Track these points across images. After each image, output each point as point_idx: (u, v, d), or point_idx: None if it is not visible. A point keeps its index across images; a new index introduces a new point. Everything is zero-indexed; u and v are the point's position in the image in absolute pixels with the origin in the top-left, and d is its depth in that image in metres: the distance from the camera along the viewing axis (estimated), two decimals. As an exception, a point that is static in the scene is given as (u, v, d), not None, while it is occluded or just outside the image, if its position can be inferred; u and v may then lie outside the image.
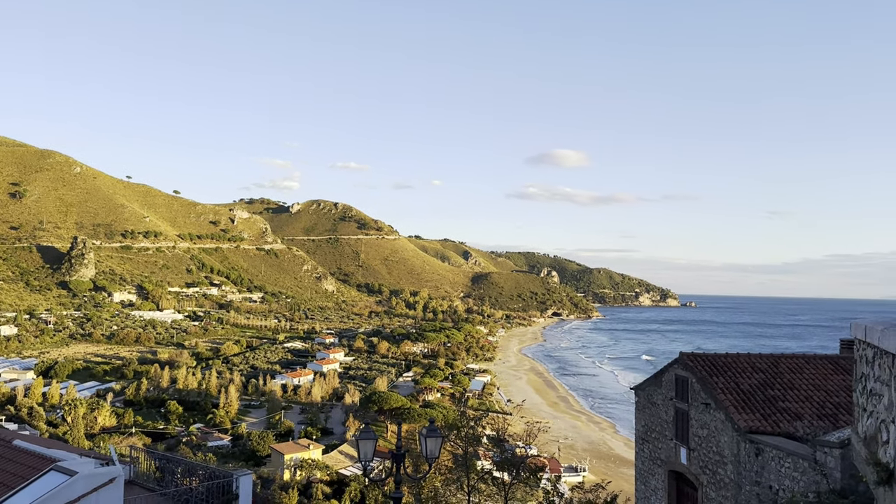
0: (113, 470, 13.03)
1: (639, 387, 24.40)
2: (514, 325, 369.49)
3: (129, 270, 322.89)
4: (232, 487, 14.91)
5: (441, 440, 11.49)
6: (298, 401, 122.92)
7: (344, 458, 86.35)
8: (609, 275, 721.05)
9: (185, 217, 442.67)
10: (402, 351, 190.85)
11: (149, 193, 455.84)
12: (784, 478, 15.67)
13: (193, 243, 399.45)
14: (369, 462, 11.27)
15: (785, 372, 20.46)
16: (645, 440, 23.65)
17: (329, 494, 68.87)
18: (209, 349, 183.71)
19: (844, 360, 21.50)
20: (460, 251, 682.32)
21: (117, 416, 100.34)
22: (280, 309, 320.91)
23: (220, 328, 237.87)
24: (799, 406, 18.60)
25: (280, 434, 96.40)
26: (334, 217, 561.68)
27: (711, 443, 19.09)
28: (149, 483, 16.45)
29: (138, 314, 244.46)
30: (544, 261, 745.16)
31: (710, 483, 19.13)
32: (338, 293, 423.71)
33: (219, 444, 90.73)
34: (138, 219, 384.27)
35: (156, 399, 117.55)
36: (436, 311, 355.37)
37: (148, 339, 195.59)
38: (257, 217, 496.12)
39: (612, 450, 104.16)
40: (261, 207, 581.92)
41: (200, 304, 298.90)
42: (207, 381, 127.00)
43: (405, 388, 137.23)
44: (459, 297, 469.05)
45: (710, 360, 20.85)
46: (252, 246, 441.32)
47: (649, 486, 23.09)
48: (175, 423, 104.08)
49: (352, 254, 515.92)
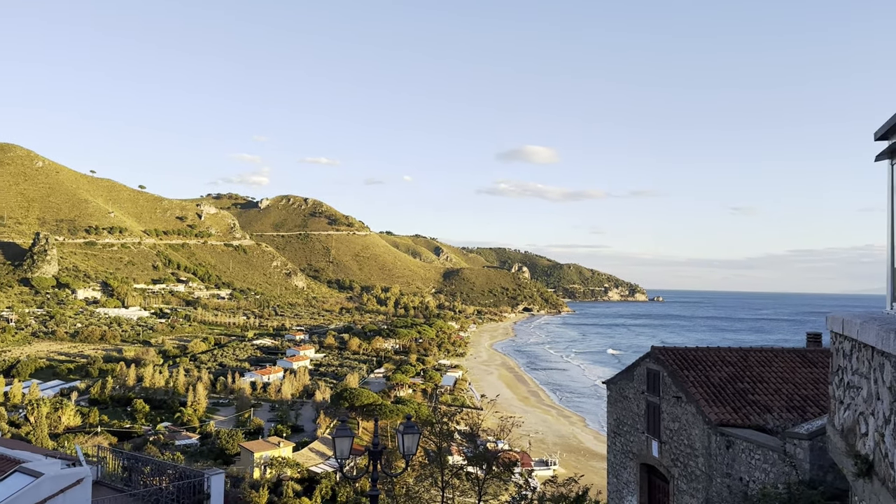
0: (80, 471, 12.71)
1: (611, 381, 24.62)
2: (485, 320, 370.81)
3: (94, 267, 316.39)
4: (203, 487, 14.66)
5: (418, 437, 11.39)
6: (268, 398, 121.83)
7: (315, 456, 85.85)
8: (579, 270, 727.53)
9: (150, 212, 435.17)
10: (374, 347, 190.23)
11: (113, 188, 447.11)
12: (754, 469, 15.93)
13: (160, 239, 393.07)
14: (345, 459, 11.12)
15: (754, 365, 20.81)
16: (617, 434, 23.89)
17: (300, 492, 68.43)
18: (176, 347, 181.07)
19: (812, 353, 21.96)
20: (432, 247, 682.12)
21: (82, 415, 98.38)
22: (249, 306, 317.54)
23: (188, 325, 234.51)
24: (768, 399, 18.93)
25: (249, 432, 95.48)
26: (304, 213, 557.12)
27: (683, 436, 19.34)
28: (117, 483, 16.11)
29: (103, 311, 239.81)
30: (515, 256, 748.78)
31: (682, 475, 19.39)
32: (308, 289, 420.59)
33: (187, 443, 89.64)
34: (103, 214, 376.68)
35: (122, 398, 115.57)
36: (407, 307, 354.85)
37: (113, 337, 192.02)
38: (225, 212, 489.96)
39: (582, 443, 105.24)
40: (229, 203, 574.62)
41: (167, 301, 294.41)
42: (175, 379, 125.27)
43: (376, 384, 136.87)
44: (431, 292, 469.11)
45: (680, 354, 21.11)
46: (220, 242, 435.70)
47: (621, 479, 23.33)
48: (142, 421, 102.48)
49: (322, 250, 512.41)
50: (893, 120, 5.48)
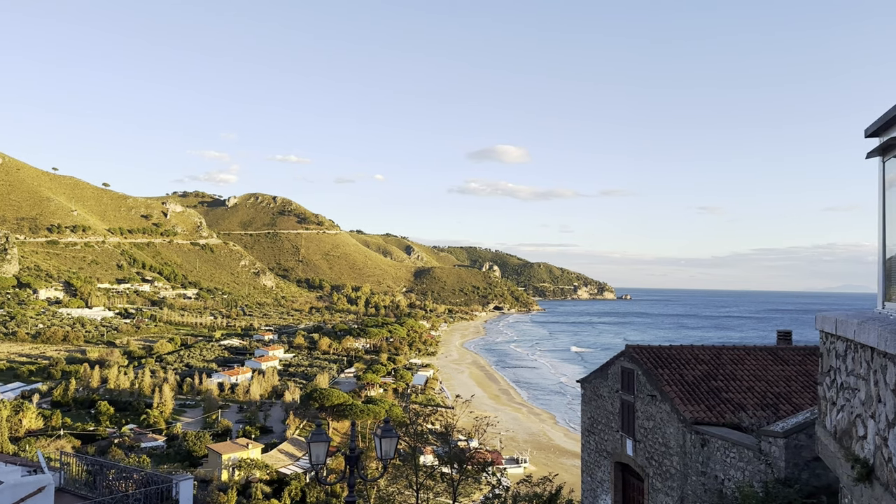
0: (42, 478, 12.19)
1: (585, 379, 24.62)
2: (456, 319, 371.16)
3: (56, 266, 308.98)
4: (171, 493, 14.21)
5: (396, 440, 11.10)
6: (236, 399, 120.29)
7: (284, 457, 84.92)
8: (549, 269, 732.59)
9: (115, 211, 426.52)
10: (344, 347, 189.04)
11: (76, 186, 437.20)
12: (729, 468, 16.00)
13: (124, 238, 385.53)
14: (321, 465, 10.77)
15: (727, 363, 20.96)
16: (591, 432, 23.88)
17: (269, 494, 67.65)
18: (142, 347, 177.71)
19: (783, 350, 22.20)
20: (403, 246, 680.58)
21: (44, 417, 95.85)
22: (216, 305, 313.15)
23: (153, 326, 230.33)
24: (741, 396, 19.06)
25: (217, 434, 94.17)
26: (273, 211, 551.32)
27: (657, 434, 19.38)
28: (81, 490, 15.54)
29: (66, 312, 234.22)
30: (486, 255, 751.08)
31: (657, 474, 19.42)
32: (277, 289, 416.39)
33: (153, 445, 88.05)
34: (65, 212, 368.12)
35: (85, 400, 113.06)
36: (378, 307, 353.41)
37: (76, 338, 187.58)
38: (192, 211, 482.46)
39: (552, 441, 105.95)
40: (195, 201, 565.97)
41: (132, 301, 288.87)
42: (140, 380, 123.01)
43: (347, 384, 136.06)
44: (402, 291, 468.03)
45: (655, 353, 21.16)
46: (186, 241, 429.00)
47: (595, 477, 23.33)
48: (106, 424, 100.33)
49: (291, 249, 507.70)
50: (885, 117, 5.41)
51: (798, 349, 22.43)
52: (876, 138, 5.59)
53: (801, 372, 20.46)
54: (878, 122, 5.42)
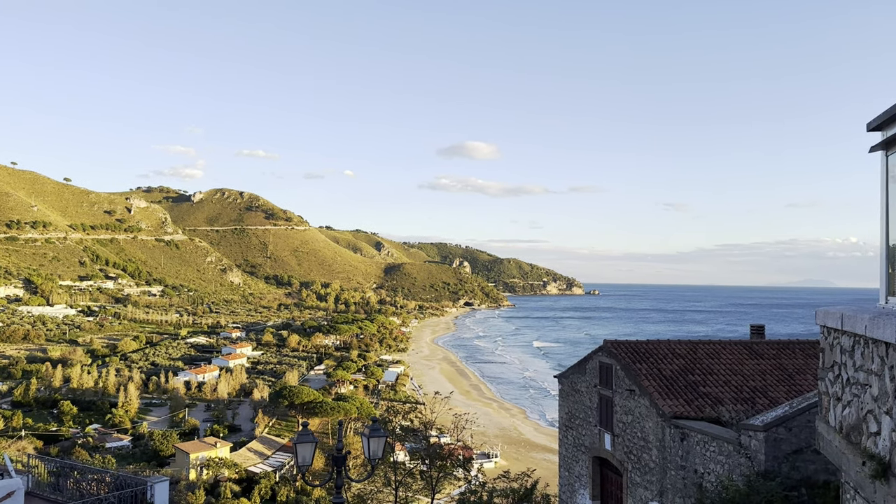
0: (11, 483, 11.73)
1: (562, 374, 24.67)
2: (426, 315, 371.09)
3: (15, 263, 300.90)
4: (146, 496, 13.82)
5: (385, 440, 10.86)
6: (203, 398, 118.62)
7: (253, 456, 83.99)
8: (519, 265, 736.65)
9: (77, 206, 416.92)
10: (314, 344, 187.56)
11: (36, 181, 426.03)
12: (709, 461, 16.15)
13: (86, 234, 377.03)
14: (307, 467, 10.48)
15: (703, 357, 21.17)
16: (569, 427, 23.96)
17: (238, 493, 66.95)
18: (105, 346, 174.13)
19: (757, 344, 22.53)
20: (373, 242, 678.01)
21: (4, 418, 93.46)
22: (182, 303, 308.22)
23: (117, 323, 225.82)
24: (719, 390, 19.26)
25: (184, 433, 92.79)
26: (240, 207, 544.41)
27: (636, 429, 19.50)
28: (51, 494, 15.04)
29: (26, 310, 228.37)
30: (456, 251, 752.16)
31: (635, 468, 19.54)
32: (244, 286, 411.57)
33: (118, 445, 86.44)
34: (25, 208, 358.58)
35: (47, 399, 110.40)
36: (348, 303, 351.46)
37: (37, 337, 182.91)
38: (156, 206, 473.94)
39: (523, 435, 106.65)
40: (160, 196, 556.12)
41: (95, 299, 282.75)
42: (104, 379, 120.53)
43: (317, 381, 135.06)
44: (372, 288, 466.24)
45: (632, 347, 21.29)
46: (151, 237, 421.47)
47: (573, 472, 23.41)
48: (69, 424, 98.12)
49: (259, 245, 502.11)
50: (889, 112, 5.40)
51: (772, 343, 22.79)
52: (879, 132, 5.59)
53: (775, 366, 20.77)
54: (882, 117, 5.41)
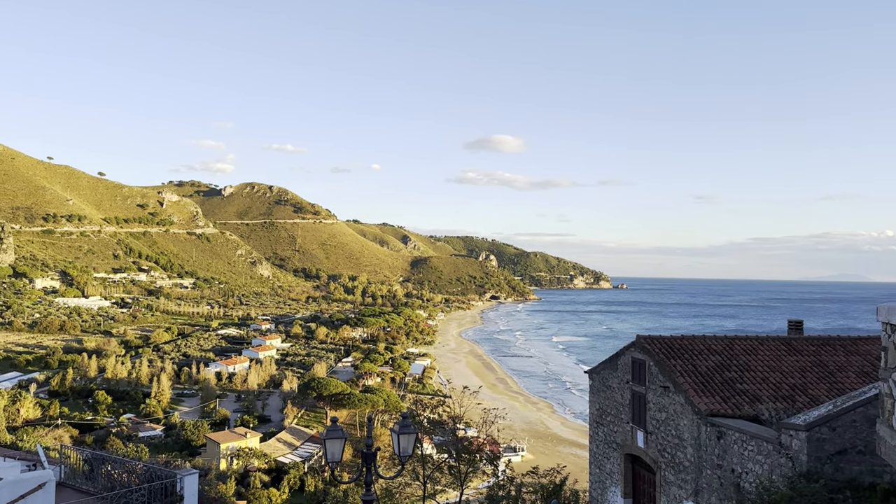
0: (43, 474, 11.76)
1: (593, 370, 24.28)
2: (453, 308, 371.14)
3: (52, 256, 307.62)
4: (176, 488, 13.81)
5: (415, 436, 10.64)
6: (234, 389, 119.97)
7: (282, 446, 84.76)
8: (545, 258, 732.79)
9: (111, 200, 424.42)
10: (341, 336, 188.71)
11: (72, 175, 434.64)
12: (747, 461, 15.68)
13: (120, 227, 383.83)
14: (337, 463, 10.29)
15: (740, 353, 20.60)
16: (599, 423, 23.57)
17: (267, 483, 67.52)
18: (138, 337, 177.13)
19: (796, 340, 21.87)
20: (399, 235, 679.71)
21: (42, 407, 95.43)
22: (213, 295, 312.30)
23: (150, 315, 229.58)
24: (756, 388, 18.71)
25: (215, 423, 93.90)
26: (269, 200, 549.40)
27: (670, 426, 19.06)
28: (82, 485, 15.12)
29: (62, 301, 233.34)
30: (482, 245, 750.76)
31: (669, 466, 19.11)
32: (273, 278, 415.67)
33: (151, 435, 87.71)
34: (61, 202, 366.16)
35: (83, 389, 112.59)
36: (375, 296, 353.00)
37: (73, 327, 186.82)
38: (188, 200, 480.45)
39: (550, 429, 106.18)
40: (191, 190, 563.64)
41: (128, 291, 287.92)
42: (138, 369, 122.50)
43: (345, 373, 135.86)
44: (399, 281, 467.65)
45: (666, 343, 20.80)
46: (182, 230, 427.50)
47: (604, 469, 23.04)
48: (104, 413, 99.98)
49: (288, 238, 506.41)
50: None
51: (811, 339, 22.11)
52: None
53: (815, 363, 20.12)
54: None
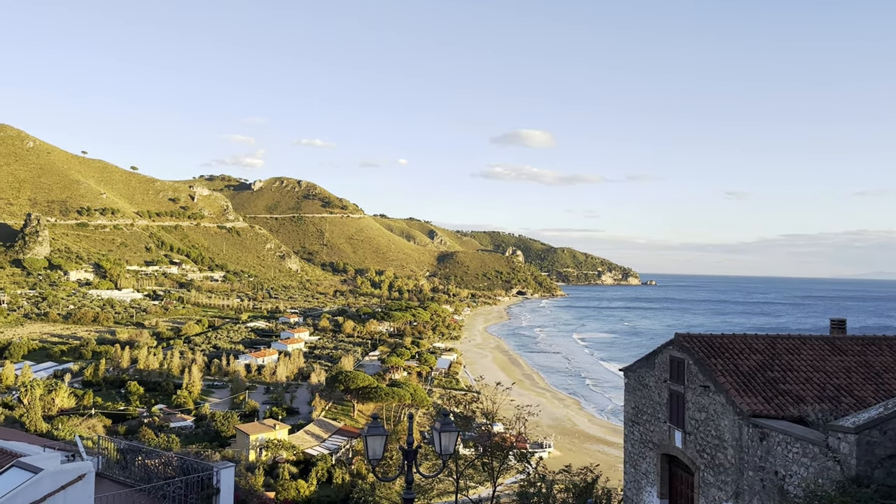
0: (82, 466, 11.83)
1: (629, 368, 23.88)
2: (479, 303, 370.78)
3: (86, 248, 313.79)
4: (212, 481, 13.83)
5: (457, 435, 10.45)
6: (263, 381, 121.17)
7: (310, 438, 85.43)
8: (573, 254, 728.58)
9: (143, 194, 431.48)
10: (368, 330, 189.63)
11: (105, 169, 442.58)
12: (791, 463, 15.23)
13: (152, 221, 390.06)
14: (378, 460, 10.17)
15: (782, 353, 20.06)
16: (635, 423, 23.17)
17: (296, 474, 68.13)
18: (170, 329, 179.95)
19: (840, 340, 21.25)
20: (426, 230, 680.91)
21: (76, 397, 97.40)
22: (242, 288, 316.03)
23: (181, 307, 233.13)
24: (800, 388, 18.20)
25: (245, 414, 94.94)
26: (298, 195, 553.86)
27: (710, 426, 18.63)
28: (120, 476, 15.23)
29: (96, 293, 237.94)
30: (509, 240, 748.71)
31: (708, 467, 18.69)
32: (302, 272, 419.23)
33: (182, 425, 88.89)
34: (95, 195, 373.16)
35: (115, 380, 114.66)
36: (401, 290, 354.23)
37: (106, 319, 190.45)
38: (218, 194, 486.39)
39: (577, 426, 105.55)
40: (222, 185, 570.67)
41: (160, 283, 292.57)
42: (169, 361, 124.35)
43: (371, 367, 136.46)
44: (425, 276, 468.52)
45: (706, 341, 20.33)
46: (213, 224, 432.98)
47: (640, 469, 22.65)
48: (136, 404, 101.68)
49: (316, 232, 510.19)
50: None
51: (855, 339, 21.46)
52: None
53: (860, 363, 19.51)
54: None
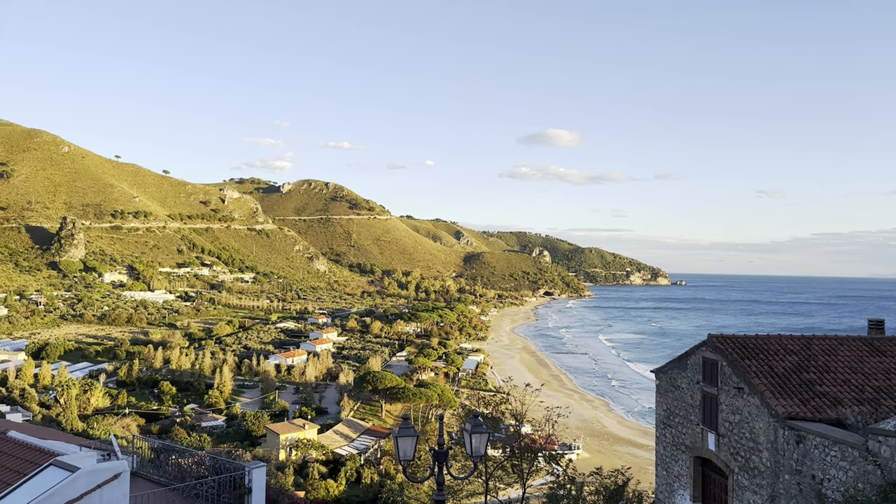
0: (118, 465, 12.03)
1: (660, 369, 23.55)
2: (506, 304, 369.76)
3: (120, 251, 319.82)
4: (244, 480, 13.97)
5: (487, 436, 10.37)
6: (292, 381, 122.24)
7: (339, 438, 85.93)
8: (601, 254, 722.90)
9: (175, 197, 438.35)
10: (395, 331, 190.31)
11: (138, 173, 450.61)
12: (829, 467, 14.88)
13: (184, 223, 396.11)
14: (409, 461, 10.15)
15: (818, 354, 19.62)
16: (667, 425, 22.85)
17: (325, 474, 68.44)
18: (201, 330, 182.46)
19: (878, 341, 20.71)
20: (452, 231, 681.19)
21: (111, 396, 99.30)
22: (272, 289, 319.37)
23: (212, 308, 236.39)
24: (837, 390, 17.77)
25: (274, 414, 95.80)
26: (325, 197, 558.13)
27: (744, 429, 18.28)
28: (154, 475, 15.46)
29: (129, 295, 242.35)
30: (536, 240, 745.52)
31: (743, 471, 18.34)
32: (329, 273, 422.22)
33: (213, 425, 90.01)
34: (128, 199, 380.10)
35: (149, 380, 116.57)
36: (428, 291, 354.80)
37: (140, 320, 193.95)
38: (248, 197, 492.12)
39: (606, 427, 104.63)
40: (251, 187, 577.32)
41: (192, 285, 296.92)
42: (201, 361, 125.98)
43: (399, 367, 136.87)
44: (451, 276, 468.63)
45: (740, 342, 19.96)
46: (243, 226, 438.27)
47: (672, 472, 22.33)
48: (169, 403, 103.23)
49: (343, 234, 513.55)
50: None
51: (895, 339, 20.91)
52: None
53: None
54: None
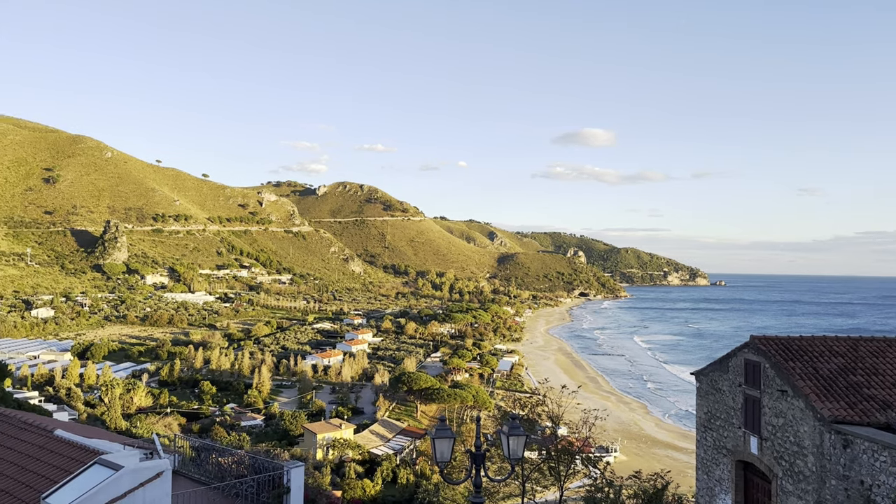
0: (160, 463, 12.27)
1: (701, 372, 23.11)
2: (540, 305, 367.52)
3: (161, 253, 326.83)
4: (283, 480, 14.13)
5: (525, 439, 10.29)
6: (329, 381, 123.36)
7: (375, 438, 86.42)
8: (637, 254, 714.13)
9: (214, 200, 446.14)
10: (430, 332, 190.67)
11: (178, 177, 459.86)
12: (879, 473, 14.43)
13: (223, 226, 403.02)
14: (446, 463, 10.12)
15: (866, 356, 19.04)
16: (708, 428, 22.42)
17: (361, 474, 68.93)
18: (240, 330, 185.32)
19: (929, 343, 20.03)
20: (486, 232, 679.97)
21: (153, 396, 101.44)
22: (308, 290, 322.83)
23: (251, 309, 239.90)
24: (886, 393, 17.22)
25: (312, 414, 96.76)
26: (360, 199, 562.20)
27: (788, 432, 17.83)
28: (195, 474, 15.73)
29: (170, 296, 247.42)
30: (570, 241, 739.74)
31: (787, 475, 17.89)
32: (365, 274, 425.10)
33: (252, 424, 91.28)
34: (169, 202, 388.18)
35: (189, 379, 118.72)
36: (462, 292, 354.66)
37: (180, 321, 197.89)
38: (285, 200, 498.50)
39: (643, 430, 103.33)
40: (288, 190, 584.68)
41: (231, 286, 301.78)
42: (240, 361, 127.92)
43: (433, 368, 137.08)
44: (485, 277, 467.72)
45: (783, 344, 19.48)
46: (280, 228, 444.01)
47: (713, 476, 21.91)
48: (209, 403, 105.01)
49: (378, 235, 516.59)
50: None
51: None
52: None
53: (953, 367, 18.34)
54: None
